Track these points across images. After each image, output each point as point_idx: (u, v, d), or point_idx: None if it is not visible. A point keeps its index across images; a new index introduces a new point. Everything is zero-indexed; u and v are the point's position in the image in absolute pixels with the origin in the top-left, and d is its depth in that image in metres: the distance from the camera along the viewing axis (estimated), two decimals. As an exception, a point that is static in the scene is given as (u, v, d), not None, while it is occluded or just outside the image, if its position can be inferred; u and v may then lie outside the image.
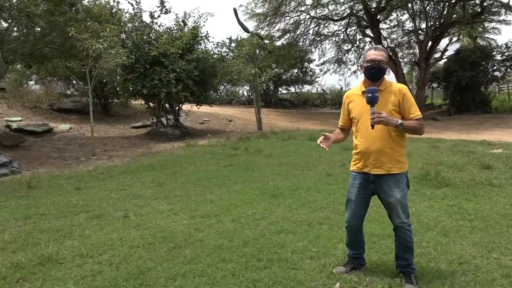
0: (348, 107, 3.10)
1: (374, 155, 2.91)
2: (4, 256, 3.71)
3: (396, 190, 2.89)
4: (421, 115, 2.89)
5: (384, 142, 2.89)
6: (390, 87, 2.94)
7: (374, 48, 2.94)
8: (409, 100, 2.89)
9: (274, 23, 24.20)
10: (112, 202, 5.68)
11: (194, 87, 13.74)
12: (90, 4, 12.14)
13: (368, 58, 2.90)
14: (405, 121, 2.84)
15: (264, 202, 5.39)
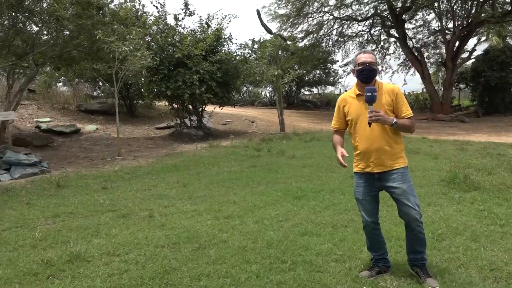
0: (343, 110, 3.19)
1: (374, 154, 3.01)
2: (35, 253, 3.82)
3: (401, 183, 2.99)
4: (412, 114, 3.04)
5: (382, 141, 3.00)
6: (382, 88, 3.06)
7: (363, 52, 3.09)
8: (401, 100, 3.03)
9: (297, 24, 24.16)
10: (137, 201, 5.77)
11: (217, 89, 13.84)
12: (116, 7, 12.39)
13: (359, 62, 3.03)
14: (399, 120, 2.96)
15: (287, 203, 5.37)
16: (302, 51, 25.05)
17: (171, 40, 13.94)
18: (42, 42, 10.87)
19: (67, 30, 10.42)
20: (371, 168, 3.06)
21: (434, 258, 3.48)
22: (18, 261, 3.64)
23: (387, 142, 3.00)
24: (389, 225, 4.35)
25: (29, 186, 7.07)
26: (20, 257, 3.72)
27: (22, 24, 10.12)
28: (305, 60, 25.39)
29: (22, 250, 3.92)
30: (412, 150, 9.79)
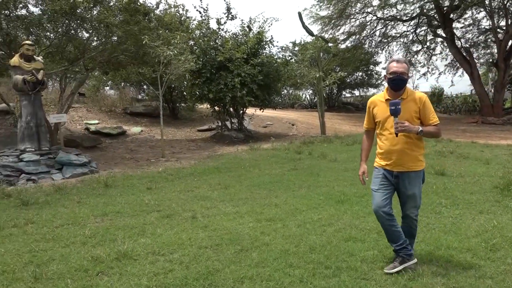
0: (372, 112, 3.41)
1: (396, 155, 3.24)
2: (86, 250, 3.97)
3: (415, 185, 3.27)
4: (438, 121, 3.21)
5: (405, 145, 3.21)
6: (411, 95, 3.23)
7: (396, 61, 3.21)
8: (428, 108, 3.20)
9: (338, 25, 23.80)
10: (181, 202, 5.88)
11: (258, 91, 13.90)
12: (161, 13, 12.75)
13: (391, 70, 3.18)
14: (424, 128, 3.15)
15: (330, 208, 5.29)
16: (344, 53, 24.68)
17: (213, 44, 14.16)
18: (92, 48, 11.37)
19: (115, 36, 10.84)
20: (391, 167, 3.29)
21: (488, 269, 3.29)
22: (70, 257, 3.80)
23: (409, 146, 3.21)
24: (438, 233, 4.17)
25: (79, 185, 7.40)
26: (72, 254, 3.89)
27: (74, 31, 10.63)
28: (346, 62, 24.98)
29: (74, 247, 4.10)
30: (461, 154, 9.37)
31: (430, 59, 26.93)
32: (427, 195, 5.76)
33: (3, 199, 6.30)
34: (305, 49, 16.61)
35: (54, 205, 5.95)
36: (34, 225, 4.91)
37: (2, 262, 3.71)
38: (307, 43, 18.29)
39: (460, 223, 4.51)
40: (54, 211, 5.55)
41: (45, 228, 4.77)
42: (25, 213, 5.45)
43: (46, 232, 4.60)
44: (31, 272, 3.44)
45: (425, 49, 26.24)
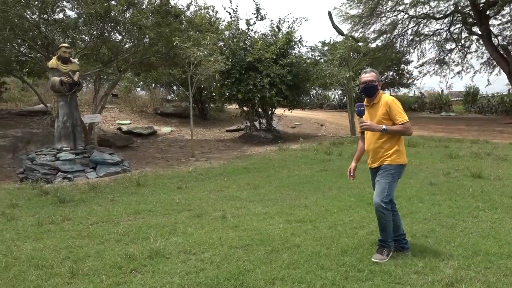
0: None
1: (372, 153, 3.72)
2: (119, 247, 4.06)
3: (382, 176, 3.60)
4: (406, 120, 3.55)
5: (378, 143, 3.65)
6: (382, 100, 3.65)
7: (364, 72, 3.74)
8: (393, 109, 3.58)
9: (369, 24, 23.41)
10: (211, 202, 5.93)
11: (287, 92, 13.85)
12: (192, 15, 12.91)
13: (361, 81, 3.73)
14: (389, 127, 3.56)
15: (361, 210, 5.20)
16: (374, 52, 24.23)
17: (243, 45, 14.22)
18: (125, 50, 11.65)
19: (147, 38, 11.06)
20: (370, 164, 3.79)
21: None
22: (104, 254, 3.89)
23: (381, 145, 3.63)
24: (476, 238, 4.02)
25: (112, 184, 7.58)
26: (106, 251, 3.98)
27: (108, 33, 10.92)
28: (377, 61, 24.50)
29: (108, 244, 4.20)
30: (498, 156, 9.02)
31: (464, 57, 26.06)
32: (463, 198, 5.58)
33: (41, 197, 6.54)
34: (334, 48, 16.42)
35: (89, 203, 6.13)
36: (70, 222, 5.07)
37: (41, 257, 3.85)
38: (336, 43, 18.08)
39: (499, 227, 4.34)
40: (89, 208, 5.72)
41: (80, 225, 4.91)
42: (61, 210, 5.64)
43: (82, 229, 4.74)
44: (68, 268, 3.54)
45: (460, 47, 25.41)
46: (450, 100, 29.08)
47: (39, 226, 4.91)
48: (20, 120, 14.46)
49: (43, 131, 13.04)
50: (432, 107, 28.39)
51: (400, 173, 3.67)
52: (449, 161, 8.68)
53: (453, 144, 11.56)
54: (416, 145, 11.29)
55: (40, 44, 10.02)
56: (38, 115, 15.02)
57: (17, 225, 5.00)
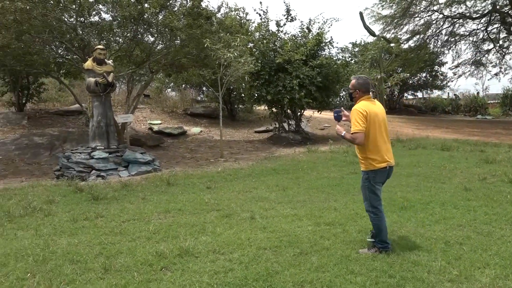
0: None
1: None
2: (150, 245, 4.14)
3: (361, 183, 3.96)
4: (355, 130, 3.69)
5: (356, 149, 3.95)
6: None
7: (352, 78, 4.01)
8: (351, 118, 3.78)
9: (401, 24, 22.96)
10: (239, 202, 5.96)
11: (317, 93, 13.74)
12: (222, 16, 13.03)
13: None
14: (345, 134, 3.80)
15: (392, 214, 5.08)
16: (407, 53, 23.70)
17: (272, 46, 14.21)
18: (157, 51, 11.88)
19: (178, 40, 11.25)
20: None
21: None
22: (136, 251, 3.98)
23: (357, 150, 3.93)
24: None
25: (143, 182, 7.75)
26: (138, 248, 4.07)
27: (141, 35, 11.18)
28: (409, 63, 23.96)
29: (139, 241, 4.29)
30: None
31: (503, 58, 25.13)
32: (501, 204, 5.37)
33: (76, 193, 6.75)
34: (365, 49, 16.17)
35: (121, 200, 6.28)
36: (104, 219, 5.21)
37: (76, 252, 3.98)
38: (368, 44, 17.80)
39: (540, 236, 4.14)
40: (121, 206, 5.86)
41: (113, 222, 5.04)
42: (95, 207, 5.81)
43: (114, 226, 4.86)
44: (101, 263, 3.64)
45: (498, 48, 24.51)
46: (486, 102, 28.05)
47: (74, 222, 5.08)
48: (57, 119, 15.02)
49: (78, 130, 13.49)
50: (467, 109, 27.49)
51: (376, 177, 3.83)
52: (485, 166, 8.37)
53: (489, 148, 11.14)
54: (450, 148, 10.96)
55: (76, 46, 10.37)
56: (74, 115, 15.56)
57: (53, 220, 5.19)
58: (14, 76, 14.03)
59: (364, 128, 3.70)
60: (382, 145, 3.81)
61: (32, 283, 3.29)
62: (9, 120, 13.84)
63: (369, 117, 3.72)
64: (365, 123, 3.70)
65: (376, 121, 3.77)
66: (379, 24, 23.18)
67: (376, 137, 3.77)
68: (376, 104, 3.91)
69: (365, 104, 3.80)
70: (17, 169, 10.08)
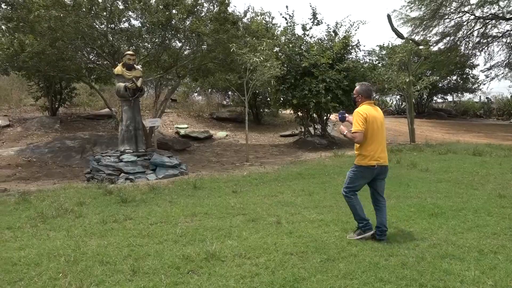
0: None
1: None
2: (177, 248, 4.18)
3: (350, 170, 4.45)
4: (355, 130, 4.20)
5: (355, 145, 4.39)
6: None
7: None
8: (353, 119, 4.27)
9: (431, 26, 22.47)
10: (265, 207, 5.94)
11: (343, 97, 13.61)
12: (248, 21, 13.10)
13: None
14: (347, 133, 4.33)
15: (422, 221, 4.95)
16: (436, 56, 23.12)
17: (298, 50, 14.19)
18: (184, 56, 12.06)
19: (205, 45, 11.38)
20: None
21: None
22: (163, 254, 4.02)
23: (355, 146, 4.37)
24: None
25: (170, 186, 7.84)
26: (165, 251, 4.11)
27: (169, 41, 11.37)
28: (439, 65, 23.38)
29: (166, 244, 4.33)
30: None
31: (539, 60, 24.16)
32: (538, 212, 5.13)
33: (106, 196, 6.90)
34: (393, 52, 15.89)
35: (149, 203, 6.38)
36: (132, 221, 5.30)
37: (105, 253, 4.05)
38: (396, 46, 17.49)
39: None
40: (149, 209, 5.95)
41: (141, 225, 5.12)
42: (124, 210, 5.92)
43: (142, 229, 4.93)
44: (130, 265, 3.70)
45: (533, 50, 23.61)
46: (521, 106, 27.03)
47: (103, 224, 5.19)
48: (87, 123, 15.46)
49: (108, 133, 13.84)
50: (500, 113, 26.58)
51: (363, 173, 4.31)
52: (520, 172, 8.06)
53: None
54: (482, 153, 10.61)
55: (107, 52, 10.64)
56: (104, 119, 15.97)
57: (84, 222, 5.32)
58: (48, 82, 14.57)
59: (363, 129, 4.19)
60: (377, 145, 4.27)
61: (64, 283, 3.37)
62: (43, 124, 14.34)
63: (368, 119, 4.21)
64: (365, 124, 4.19)
65: (374, 123, 4.25)
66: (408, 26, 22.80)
67: (373, 137, 4.24)
68: (376, 109, 4.38)
69: (366, 107, 4.29)
70: (50, 171, 10.42)
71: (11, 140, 12.88)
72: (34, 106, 16.58)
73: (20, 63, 9.59)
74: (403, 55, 14.40)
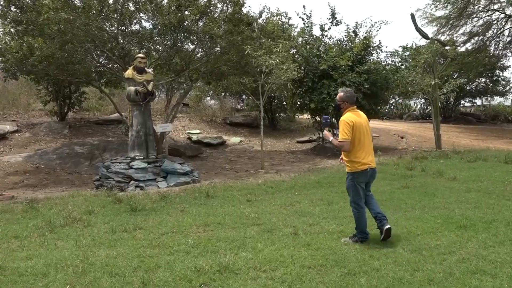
0: None
1: None
2: (189, 260, 4.19)
3: (347, 181, 4.78)
4: (342, 138, 4.54)
5: (342, 153, 4.77)
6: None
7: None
8: (340, 128, 4.61)
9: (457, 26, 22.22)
10: (281, 217, 5.91)
11: (364, 101, 13.51)
12: (264, 22, 13.16)
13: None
14: (333, 139, 4.68)
15: (450, 233, 4.85)
16: (464, 57, 22.82)
17: (316, 52, 14.17)
18: (197, 59, 12.17)
19: (218, 47, 11.46)
20: None
21: None
22: (174, 265, 4.03)
23: (344, 154, 4.76)
24: None
25: (182, 194, 7.88)
26: (176, 262, 4.12)
27: (181, 43, 11.50)
28: (467, 67, 23.05)
29: (178, 255, 4.34)
30: None
31: None
32: None
33: (115, 204, 6.97)
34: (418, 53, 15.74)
35: (159, 212, 6.42)
36: (142, 231, 5.33)
37: (114, 264, 4.08)
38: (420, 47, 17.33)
39: None
40: (159, 218, 5.98)
41: (151, 235, 5.15)
42: (134, 219, 5.97)
43: (153, 239, 4.96)
44: (140, 277, 3.72)
45: None
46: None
47: (112, 233, 5.24)
48: (97, 129, 15.69)
49: (117, 139, 14.02)
50: (534, 118, 26.00)
51: (357, 178, 4.65)
52: (557, 181, 7.85)
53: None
54: (515, 161, 10.38)
55: (117, 55, 10.81)
56: (114, 124, 16.19)
57: (92, 231, 5.37)
58: (57, 86, 14.84)
59: (350, 137, 4.54)
60: (365, 151, 4.65)
61: (72, 295, 3.41)
62: (51, 129, 14.61)
63: (355, 127, 4.56)
64: (351, 133, 4.55)
65: (360, 130, 4.61)
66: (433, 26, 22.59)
67: (360, 144, 4.60)
68: (360, 115, 4.73)
69: (351, 115, 4.64)
70: (58, 178, 10.59)
71: (19, 146, 13.15)
72: (43, 111, 16.91)
73: (29, 67, 9.81)
74: (428, 56, 14.26)
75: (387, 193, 7.45)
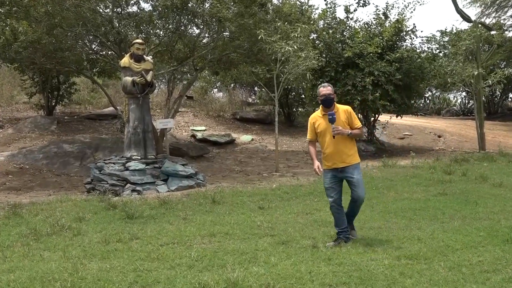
0: (314, 125, 5.24)
1: (338, 155, 5.07)
2: (192, 275, 4.21)
3: (356, 173, 5.10)
4: (361, 124, 5.29)
5: (342, 146, 5.07)
6: (340, 108, 5.17)
7: (323, 86, 5.22)
8: (353, 116, 5.21)
9: (505, 7, 21.95)
10: (298, 227, 5.92)
11: (395, 94, 13.46)
12: (280, 2, 13.16)
13: (321, 94, 5.15)
14: (352, 130, 5.11)
15: (495, 248, 4.81)
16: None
17: (340, 37, 14.16)
18: (202, 45, 12.24)
19: (227, 31, 11.50)
20: (336, 164, 5.08)
21: None
22: (175, 281, 4.06)
23: (346, 146, 5.08)
24: None
25: (185, 199, 7.94)
26: (178, 277, 4.15)
27: (184, 27, 11.58)
28: (517, 55, 22.77)
29: (179, 270, 4.38)
30: None
31: None
32: None
33: (109, 210, 7.06)
34: (458, 39, 15.61)
35: (159, 220, 6.48)
36: (139, 241, 5.39)
37: (107, 279, 4.13)
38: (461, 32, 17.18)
39: None
40: (159, 227, 6.04)
41: (150, 246, 5.20)
42: (130, 227, 6.03)
43: (151, 250, 5.00)
44: (136, 294, 3.75)
45: None
46: None
47: (105, 244, 5.30)
48: (88, 124, 15.87)
49: (112, 136, 14.17)
50: None
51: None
52: None
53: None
54: None
55: (112, 41, 10.92)
56: (108, 119, 16.36)
57: (83, 241, 5.44)
58: (44, 76, 15.01)
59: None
60: None
61: (59, 313, 3.46)
62: (37, 125, 14.80)
63: None
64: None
65: None
66: (476, 8, 22.37)
67: None
68: None
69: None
70: (45, 180, 10.73)
71: (1, 143, 13.38)
72: (28, 104, 17.16)
73: (13, 53, 9.96)
74: (471, 42, 14.13)
75: (421, 201, 7.42)
